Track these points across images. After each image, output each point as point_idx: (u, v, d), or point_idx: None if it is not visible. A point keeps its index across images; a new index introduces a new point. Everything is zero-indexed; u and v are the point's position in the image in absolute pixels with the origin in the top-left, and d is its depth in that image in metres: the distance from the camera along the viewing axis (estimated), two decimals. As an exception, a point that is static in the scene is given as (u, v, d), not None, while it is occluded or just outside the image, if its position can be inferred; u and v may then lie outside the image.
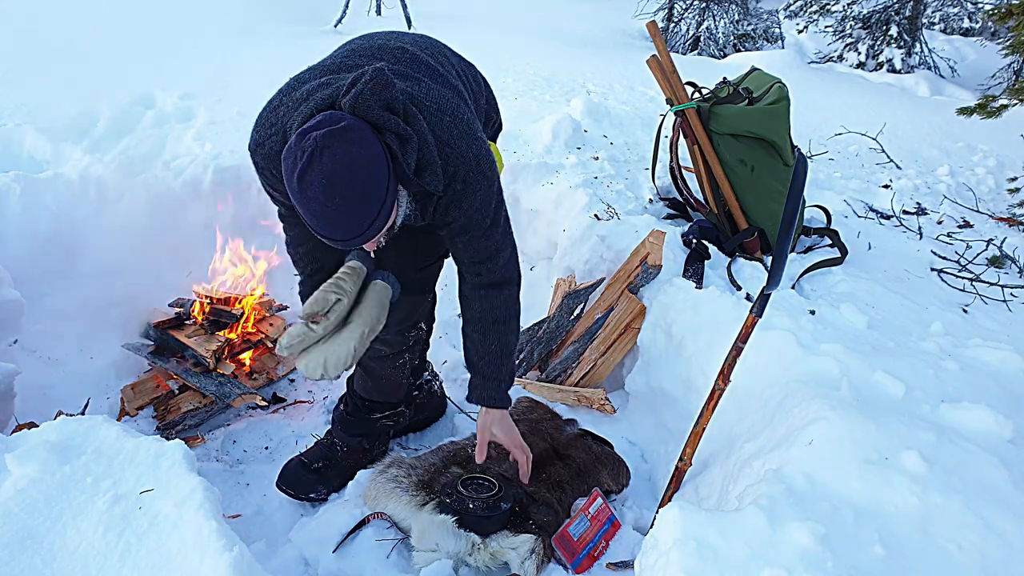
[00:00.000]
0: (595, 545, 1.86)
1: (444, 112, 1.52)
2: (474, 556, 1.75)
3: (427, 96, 1.53)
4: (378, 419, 2.11)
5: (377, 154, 1.35)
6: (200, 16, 6.35)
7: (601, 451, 2.10)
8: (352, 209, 1.34)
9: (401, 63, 1.60)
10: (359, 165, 1.32)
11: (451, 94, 1.59)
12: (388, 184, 1.38)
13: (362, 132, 1.34)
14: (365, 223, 1.37)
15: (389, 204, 1.40)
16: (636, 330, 2.48)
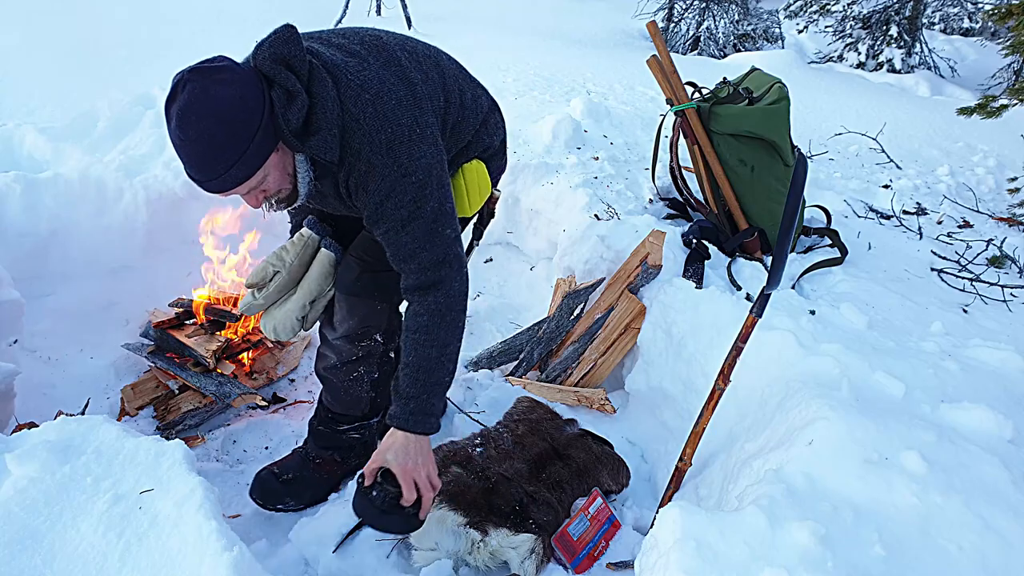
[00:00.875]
0: (595, 545, 1.86)
1: (367, 90, 1.46)
2: (474, 555, 1.75)
3: (357, 71, 1.47)
4: (344, 431, 2.01)
5: (244, 97, 1.33)
6: (200, 16, 6.36)
7: (601, 451, 2.10)
8: (205, 147, 1.33)
9: (357, 42, 1.56)
10: (217, 103, 1.31)
11: (395, 82, 1.51)
12: (254, 132, 1.34)
13: (236, 75, 1.34)
14: (219, 166, 1.35)
15: (253, 154, 1.36)
16: (636, 330, 2.49)
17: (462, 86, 1.77)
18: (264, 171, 1.42)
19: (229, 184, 1.39)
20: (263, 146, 1.38)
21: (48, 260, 2.63)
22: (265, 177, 1.44)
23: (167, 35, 5.46)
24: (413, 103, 1.52)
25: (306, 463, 2.03)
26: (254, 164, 1.38)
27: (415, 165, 1.49)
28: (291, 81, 1.37)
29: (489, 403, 2.38)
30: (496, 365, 2.73)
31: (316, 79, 1.42)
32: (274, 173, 1.46)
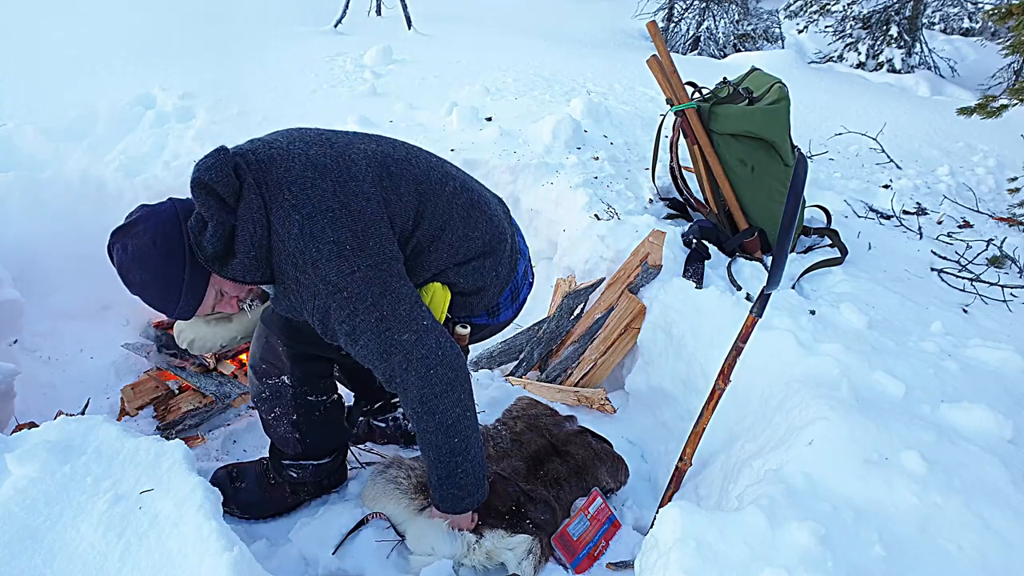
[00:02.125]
0: (595, 545, 1.86)
1: (298, 210, 1.44)
2: (470, 557, 1.75)
3: (299, 190, 1.45)
4: (286, 466, 1.90)
5: (157, 244, 1.46)
6: (200, 16, 6.36)
7: (600, 448, 2.10)
8: (149, 293, 1.51)
9: (331, 157, 1.53)
10: (137, 257, 1.47)
11: (335, 200, 1.46)
12: (180, 269, 1.47)
13: (149, 224, 1.48)
14: (169, 304, 1.51)
15: (191, 286, 1.49)
16: (636, 330, 2.49)
17: (455, 222, 1.67)
18: (213, 291, 1.55)
19: (187, 313, 1.54)
20: (196, 277, 1.50)
21: (48, 260, 2.63)
22: (220, 292, 1.57)
23: (168, 35, 5.46)
24: (350, 219, 1.46)
25: (261, 480, 1.96)
26: (198, 293, 1.52)
27: (345, 280, 1.45)
28: (206, 207, 1.43)
29: (489, 403, 2.38)
30: (496, 365, 2.73)
31: (244, 201, 1.45)
32: (227, 286, 1.56)
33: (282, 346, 1.74)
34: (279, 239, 1.45)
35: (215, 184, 1.42)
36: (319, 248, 1.44)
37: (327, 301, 1.46)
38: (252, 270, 1.49)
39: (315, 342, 1.69)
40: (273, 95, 4.23)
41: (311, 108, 4.08)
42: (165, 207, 1.52)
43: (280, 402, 1.80)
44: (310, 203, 1.45)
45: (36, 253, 2.60)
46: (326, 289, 1.45)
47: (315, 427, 1.85)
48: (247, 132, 3.51)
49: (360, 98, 4.39)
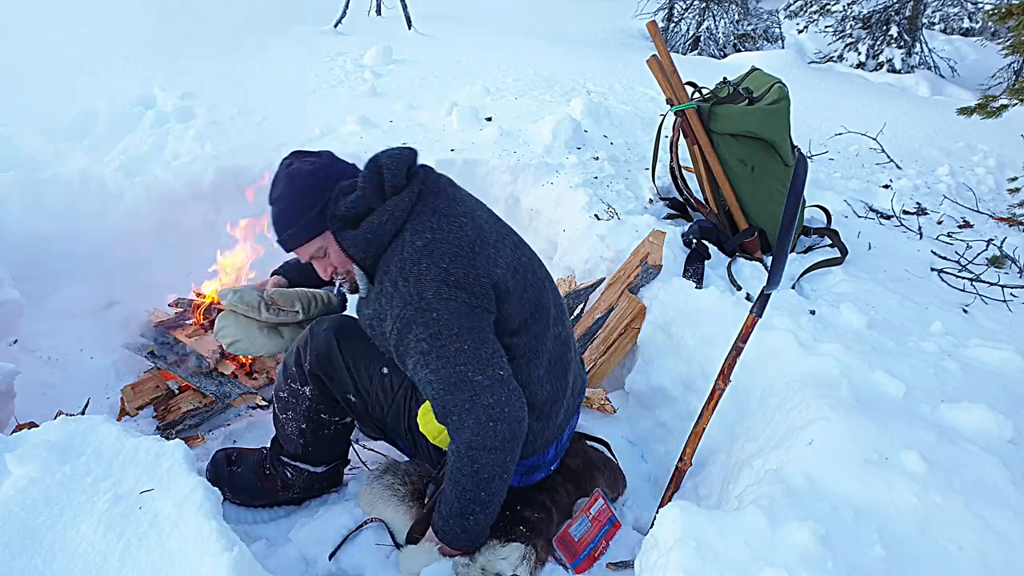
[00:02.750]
0: (596, 545, 1.86)
1: (434, 231, 1.52)
2: (465, 570, 1.74)
3: (444, 221, 1.54)
4: (284, 463, 1.91)
5: (313, 177, 1.58)
6: (200, 16, 6.36)
7: (597, 457, 2.08)
8: (277, 209, 1.61)
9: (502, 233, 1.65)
10: (292, 177, 1.59)
11: (464, 247, 1.52)
12: (309, 208, 1.57)
13: (320, 161, 1.62)
14: (281, 226, 1.61)
15: (305, 225, 1.58)
16: (636, 330, 2.49)
17: (540, 360, 1.69)
18: (320, 243, 1.62)
19: (288, 245, 1.63)
20: (316, 221, 1.58)
21: (48, 260, 2.63)
22: (324, 250, 1.63)
23: (167, 35, 5.46)
24: (471, 265, 1.52)
25: (258, 468, 1.97)
26: (307, 233, 1.59)
27: (440, 303, 1.48)
28: (366, 181, 1.55)
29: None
30: (496, 365, 2.72)
31: (397, 197, 1.55)
32: (333, 248, 1.62)
33: (308, 364, 1.75)
34: (401, 242, 1.53)
35: (386, 169, 1.55)
36: (430, 266, 1.49)
37: (415, 315, 1.49)
38: (361, 248, 1.56)
39: (336, 383, 1.75)
40: (273, 95, 4.23)
41: (311, 108, 4.08)
42: (346, 164, 1.67)
43: (295, 408, 1.81)
44: (446, 236, 1.53)
45: (36, 253, 2.60)
46: (419, 303, 1.49)
47: (320, 441, 1.86)
48: (247, 132, 3.53)
49: (360, 98, 4.40)
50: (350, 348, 1.73)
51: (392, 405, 1.74)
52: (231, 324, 1.84)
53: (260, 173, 3.18)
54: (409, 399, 1.73)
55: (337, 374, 1.74)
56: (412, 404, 1.73)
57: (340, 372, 1.73)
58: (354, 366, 1.73)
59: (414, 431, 1.75)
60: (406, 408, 1.74)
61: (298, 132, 3.60)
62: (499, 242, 1.61)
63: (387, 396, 1.74)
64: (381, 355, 1.74)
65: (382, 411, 1.76)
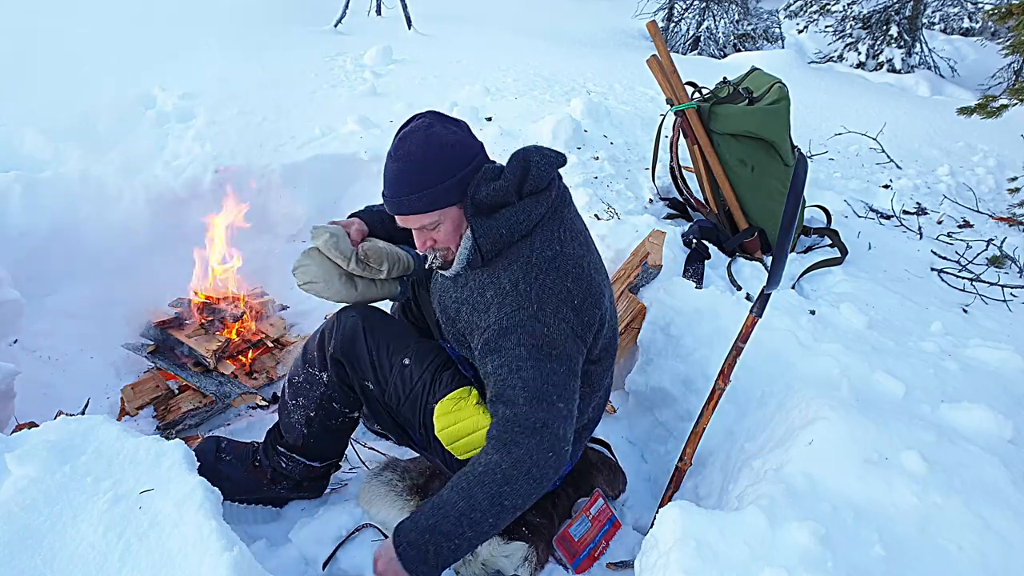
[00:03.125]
0: (596, 545, 1.86)
1: (561, 244, 1.51)
2: (464, 567, 1.75)
3: (568, 242, 1.53)
4: (280, 453, 1.89)
5: (456, 146, 1.47)
6: (200, 16, 6.36)
7: (597, 457, 2.09)
8: (403, 166, 1.47)
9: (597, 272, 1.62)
10: (433, 138, 1.46)
11: (576, 277, 1.51)
12: (445, 177, 1.46)
13: (462, 131, 1.51)
14: (404, 187, 1.47)
15: (434, 194, 1.47)
16: (636, 330, 2.48)
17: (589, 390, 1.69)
18: (438, 217, 1.51)
19: (403, 209, 1.50)
20: (446, 194, 1.48)
21: (48, 260, 2.63)
22: (438, 225, 1.53)
23: (169, 35, 5.46)
24: (584, 287, 1.51)
25: (245, 460, 1.95)
26: (431, 203, 1.48)
27: (555, 322, 1.46)
28: (512, 173, 1.49)
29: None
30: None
31: (533, 199, 1.51)
32: (448, 226, 1.53)
33: (331, 348, 1.75)
34: (530, 245, 1.50)
35: (534, 166, 1.50)
36: (556, 280, 1.48)
37: (526, 321, 1.46)
38: (491, 238, 1.50)
39: (357, 369, 1.74)
40: (273, 95, 4.22)
41: (311, 108, 4.08)
42: (478, 142, 1.55)
43: (307, 394, 1.82)
44: (572, 252, 1.52)
45: (36, 253, 2.60)
46: (536, 312, 1.46)
47: (325, 433, 1.86)
48: (247, 132, 3.53)
49: (360, 98, 4.39)
50: (374, 336, 1.74)
51: (409, 396, 1.74)
52: (314, 264, 1.77)
53: (260, 173, 3.18)
54: (426, 392, 1.73)
55: (359, 361, 1.74)
56: (428, 398, 1.73)
57: (362, 359, 1.74)
58: (376, 354, 1.73)
59: (428, 425, 1.75)
60: (422, 401, 1.74)
61: (298, 132, 3.60)
62: (600, 272, 1.63)
63: (405, 387, 1.74)
64: (404, 347, 1.75)
65: (398, 401, 1.75)
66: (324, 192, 3.32)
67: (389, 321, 1.81)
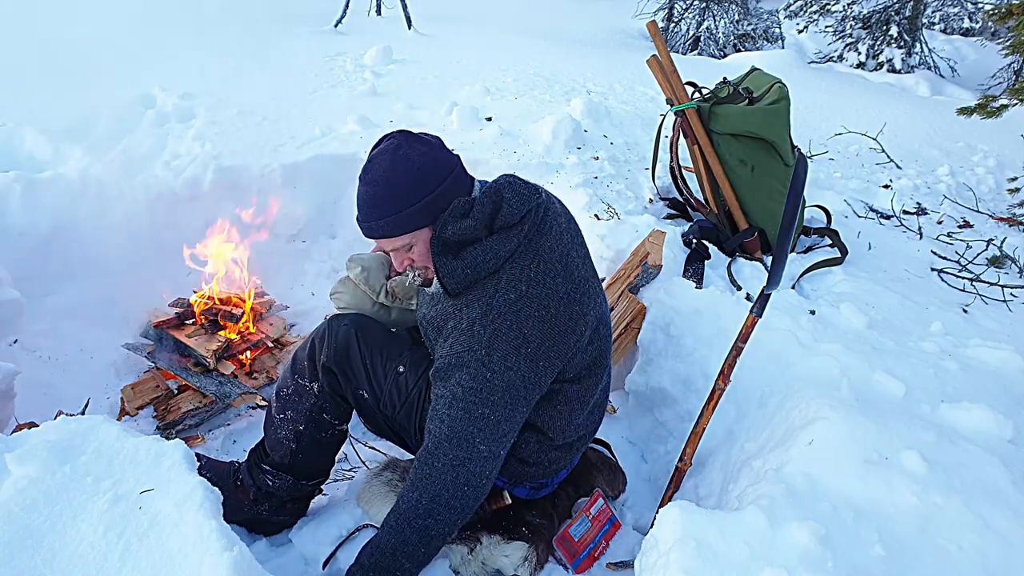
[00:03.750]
0: (596, 545, 1.86)
1: (529, 283, 1.47)
2: (465, 567, 1.75)
3: (543, 271, 1.48)
4: (265, 472, 1.85)
5: (422, 170, 1.44)
6: (200, 16, 6.36)
7: (597, 457, 2.09)
8: (372, 191, 1.46)
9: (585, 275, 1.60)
10: (400, 161, 1.44)
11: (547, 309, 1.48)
12: (414, 201, 1.44)
13: (432, 152, 1.47)
14: (374, 212, 1.46)
15: (404, 219, 1.45)
16: (636, 330, 2.48)
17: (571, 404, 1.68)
18: (409, 240, 1.50)
19: (375, 233, 1.50)
20: (415, 217, 1.46)
21: (48, 260, 2.63)
22: (411, 246, 1.52)
23: (168, 35, 5.46)
24: (544, 331, 1.48)
25: (226, 479, 1.88)
26: (400, 227, 1.47)
27: (500, 368, 1.46)
28: (479, 207, 1.46)
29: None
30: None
31: (508, 234, 1.47)
32: (421, 247, 1.52)
33: (324, 357, 1.74)
34: (496, 284, 1.48)
35: (505, 203, 1.47)
36: (512, 326, 1.45)
37: (472, 363, 1.46)
38: (457, 278, 1.49)
39: (351, 378, 1.73)
40: (273, 95, 4.23)
41: (311, 108, 4.08)
42: (452, 157, 1.52)
43: (296, 407, 1.79)
44: (539, 292, 1.48)
45: (36, 253, 2.60)
46: (483, 358, 1.46)
47: (313, 447, 1.83)
48: (247, 132, 3.53)
49: (360, 98, 4.39)
50: (368, 344, 1.74)
51: (405, 404, 1.74)
52: (347, 293, 1.83)
53: (260, 173, 3.18)
54: (422, 399, 1.73)
55: (353, 369, 1.74)
56: (425, 404, 1.73)
57: (356, 367, 1.73)
58: (371, 362, 1.73)
59: (423, 431, 1.75)
60: (418, 407, 1.73)
61: (298, 132, 3.60)
62: (586, 294, 1.58)
63: (400, 395, 1.74)
64: (398, 354, 1.74)
65: (394, 409, 1.75)
66: (324, 192, 3.32)
67: (381, 328, 1.80)
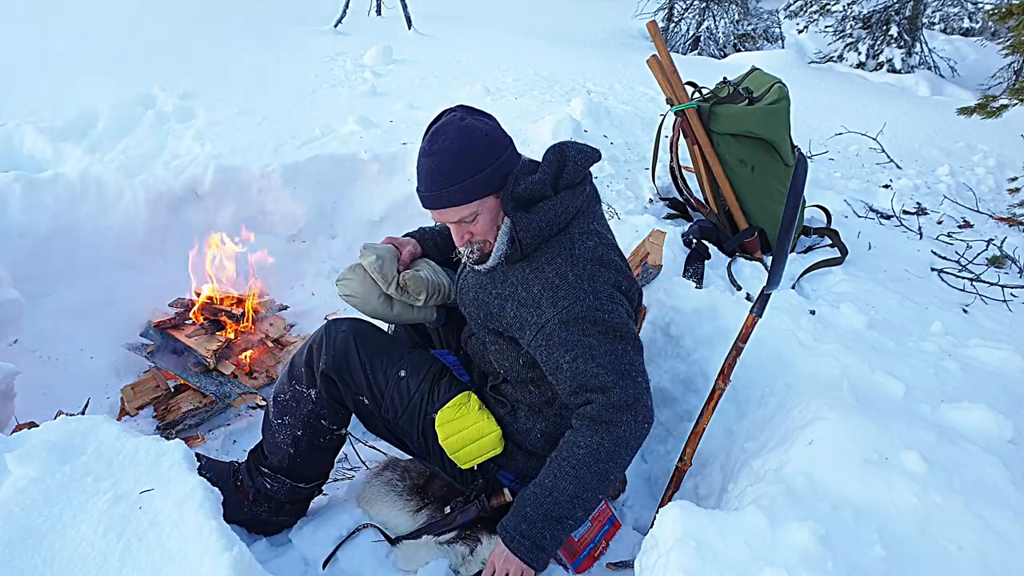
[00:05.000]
0: (595, 545, 1.86)
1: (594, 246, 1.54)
2: (465, 566, 1.75)
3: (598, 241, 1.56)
4: (263, 474, 1.83)
5: (489, 136, 1.46)
6: (200, 15, 6.36)
7: None
8: (438, 161, 1.44)
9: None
10: (466, 130, 1.44)
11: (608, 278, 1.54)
12: (482, 167, 1.45)
13: (492, 123, 1.50)
14: (442, 181, 1.45)
15: (472, 186, 1.45)
16: (636, 330, 2.48)
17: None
18: (476, 208, 1.49)
19: (441, 202, 1.47)
20: (484, 184, 1.46)
21: (48, 260, 2.63)
22: (476, 216, 1.51)
23: (168, 35, 5.46)
24: (626, 273, 1.59)
25: (226, 480, 1.85)
26: (468, 194, 1.46)
27: (611, 305, 1.50)
28: (546, 165, 1.52)
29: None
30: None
31: (574, 191, 1.53)
32: (486, 217, 1.51)
33: (322, 364, 1.72)
34: (570, 237, 1.52)
35: (570, 161, 1.53)
36: (603, 269, 1.52)
37: (586, 311, 1.47)
38: (532, 232, 1.49)
39: (350, 384, 1.71)
40: (273, 95, 4.23)
41: (311, 108, 4.08)
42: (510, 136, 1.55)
43: (293, 412, 1.77)
44: (610, 243, 1.59)
45: (36, 253, 2.60)
46: (593, 301, 1.48)
47: (311, 452, 1.81)
48: (247, 132, 3.53)
49: (360, 98, 4.39)
50: (367, 350, 1.73)
51: (407, 409, 1.73)
52: (356, 281, 1.78)
53: (260, 173, 3.18)
54: (425, 403, 1.72)
55: (352, 375, 1.73)
56: (428, 408, 1.72)
57: (356, 373, 1.72)
58: (371, 368, 1.72)
59: (427, 434, 1.74)
60: (421, 411, 1.72)
61: (298, 132, 3.60)
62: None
63: (403, 399, 1.73)
64: (399, 359, 1.74)
65: (396, 414, 1.74)
66: (324, 192, 3.32)
67: (379, 334, 1.80)
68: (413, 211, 3.19)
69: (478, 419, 1.67)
